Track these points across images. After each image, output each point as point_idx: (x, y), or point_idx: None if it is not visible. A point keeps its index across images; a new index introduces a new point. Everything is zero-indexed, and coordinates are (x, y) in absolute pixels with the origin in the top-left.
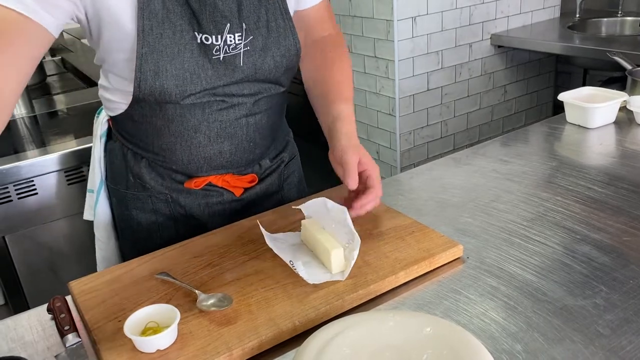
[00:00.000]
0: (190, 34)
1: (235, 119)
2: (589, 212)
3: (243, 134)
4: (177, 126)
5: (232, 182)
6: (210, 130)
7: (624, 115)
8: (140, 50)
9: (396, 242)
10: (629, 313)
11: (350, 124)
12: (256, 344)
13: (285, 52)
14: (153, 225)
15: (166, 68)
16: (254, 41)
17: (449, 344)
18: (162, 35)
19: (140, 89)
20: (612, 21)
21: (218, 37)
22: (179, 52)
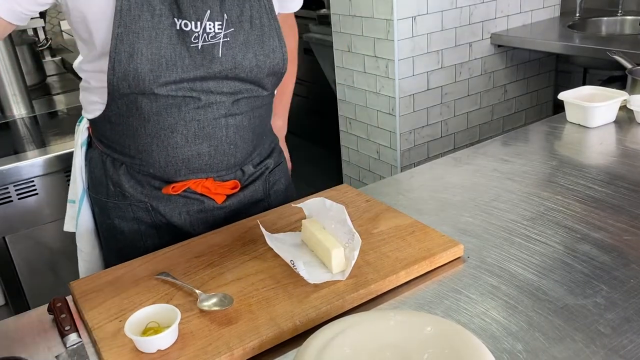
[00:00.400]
0: (169, 20)
1: (213, 118)
2: (589, 211)
3: (223, 135)
4: (153, 126)
5: (212, 189)
6: (187, 130)
7: (624, 115)
8: (116, 30)
9: (397, 241)
10: (629, 312)
11: None
12: (257, 344)
13: (270, 53)
14: (136, 234)
15: (142, 51)
16: (235, 34)
17: (449, 344)
18: (140, 17)
19: (114, 72)
20: (612, 20)
21: (197, 24)
22: (156, 37)
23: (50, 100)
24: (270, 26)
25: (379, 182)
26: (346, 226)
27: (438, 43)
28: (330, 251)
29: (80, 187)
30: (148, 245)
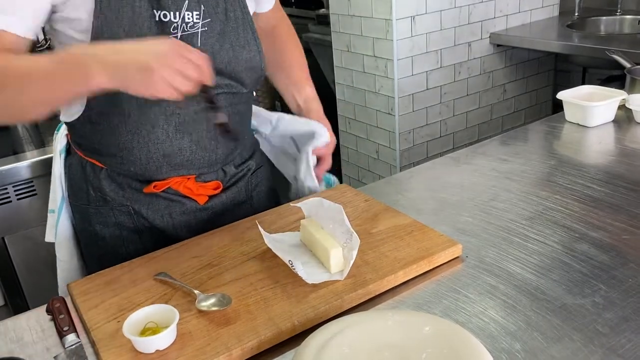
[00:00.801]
0: (149, 11)
1: (194, 112)
2: (587, 210)
3: (203, 130)
4: (134, 121)
5: (195, 190)
6: (168, 125)
7: (623, 114)
8: (96, 22)
9: (395, 241)
10: (628, 311)
11: (318, 104)
12: (255, 344)
13: (245, 44)
14: (118, 240)
15: None
16: (212, 24)
17: (448, 343)
18: (120, 10)
19: None
20: (611, 19)
21: (176, 14)
22: (136, 27)
23: None
24: (244, 20)
25: (377, 182)
26: (344, 226)
27: (437, 43)
28: (329, 251)
29: (59, 196)
30: (130, 251)
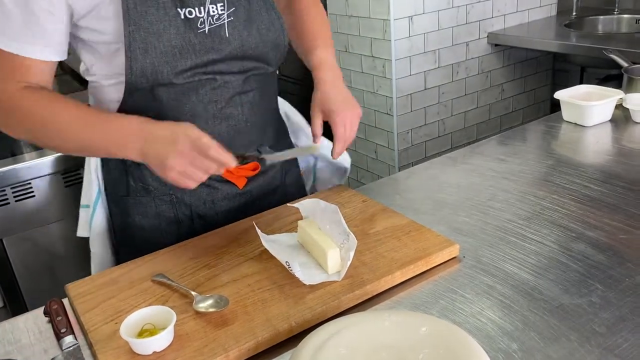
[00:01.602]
0: (173, 10)
1: (229, 97)
2: (585, 210)
3: (239, 113)
4: (173, 114)
5: (235, 172)
6: (207, 113)
7: (620, 113)
8: (128, 29)
9: (392, 241)
10: (624, 311)
11: (329, 70)
12: (252, 345)
13: (270, 26)
14: (156, 231)
15: (154, 45)
16: (237, 12)
17: (445, 344)
18: (147, 12)
19: (132, 70)
20: (609, 19)
21: (201, 9)
22: (165, 29)
23: None
24: (267, 1)
25: (375, 182)
26: (341, 227)
27: (435, 43)
28: (326, 252)
29: (95, 190)
30: (167, 242)
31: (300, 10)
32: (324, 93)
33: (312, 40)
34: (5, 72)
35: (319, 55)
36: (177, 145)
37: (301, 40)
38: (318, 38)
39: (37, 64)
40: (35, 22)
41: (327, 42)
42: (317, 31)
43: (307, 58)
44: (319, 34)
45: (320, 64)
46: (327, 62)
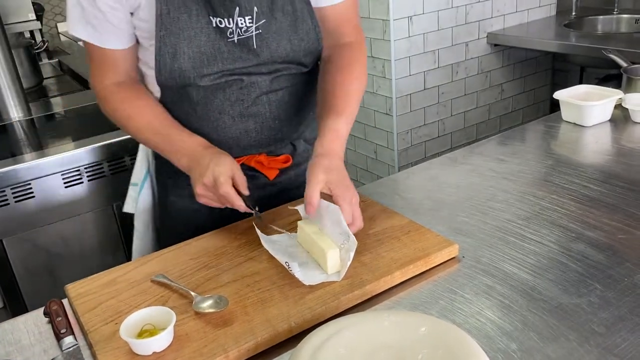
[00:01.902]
0: (205, 18)
1: (256, 97)
2: (584, 210)
3: (266, 112)
4: (202, 109)
5: (266, 163)
6: (233, 110)
7: (620, 113)
8: (159, 33)
9: (392, 242)
10: (623, 311)
11: (330, 140)
12: (252, 345)
13: (304, 36)
14: (191, 212)
15: (183, 50)
16: (267, 25)
17: (444, 344)
18: (179, 18)
19: (160, 73)
20: (608, 19)
21: (230, 20)
22: (196, 35)
23: (47, 103)
24: (302, 10)
25: (375, 183)
26: (341, 227)
27: (434, 43)
28: (326, 252)
29: (144, 169)
30: (199, 225)
31: (342, 67)
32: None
33: (330, 106)
34: (98, 63)
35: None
36: (204, 178)
37: (321, 105)
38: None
39: (119, 52)
40: (103, 18)
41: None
42: (345, 99)
43: (318, 123)
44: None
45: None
46: (342, 134)
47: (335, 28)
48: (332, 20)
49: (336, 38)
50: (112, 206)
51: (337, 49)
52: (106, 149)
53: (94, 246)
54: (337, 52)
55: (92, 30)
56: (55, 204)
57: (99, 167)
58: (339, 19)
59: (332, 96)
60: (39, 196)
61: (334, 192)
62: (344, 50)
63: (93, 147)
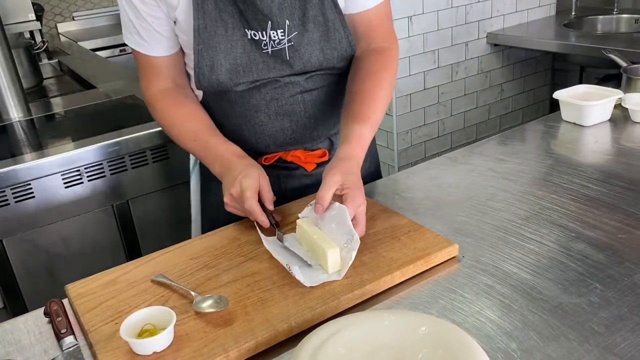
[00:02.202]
0: (241, 31)
1: (290, 96)
2: (584, 209)
3: (301, 111)
4: (240, 108)
5: (303, 158)
6: (269, 109)
7: (620, 113)
8: (197, 47)
9: (392, 241)
10: (623, 310)
11: (354, 147)
12: (252, 345)
13: (337, 45)
14: None
15: (220, 62)
16: (300, 37)
17: (444, 343)
18: (216, 32)
19: (200, 83)
20: (608, 19)
21: (263, 33)
22: (232, 48)
23: (47, 103)
24: (334, 20)
25: (375, 183)
26: (346, 226)
27: (434, 43)
28: (326, 251)
29: (192, 160)
30: (231, 215)
31: (371, 73)
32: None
33: (355, 112)
34: (145, 70)
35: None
36: (231, 189)
37: (347, 108)
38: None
39: (163, 60)
40: (148, 27)
41: (374, 119)
42: (371, 105)
43: (342, 128)
44: (369, 108)
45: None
46: (366, 141)
47: (367, 33)
48: (363, 25)
49: (368, 42)
50: (112, 206)
51: (368, 54)
52: (106, 149)
53: (94, 246)
54: (368, 57)
55: (139, 38)
56: (55, 204)
57: (99, 167)
58: (371, 25)
59: (360, 102)
60: (39, 196)
61: (344, 193)
62: (375, 55)
63: (93, 147)
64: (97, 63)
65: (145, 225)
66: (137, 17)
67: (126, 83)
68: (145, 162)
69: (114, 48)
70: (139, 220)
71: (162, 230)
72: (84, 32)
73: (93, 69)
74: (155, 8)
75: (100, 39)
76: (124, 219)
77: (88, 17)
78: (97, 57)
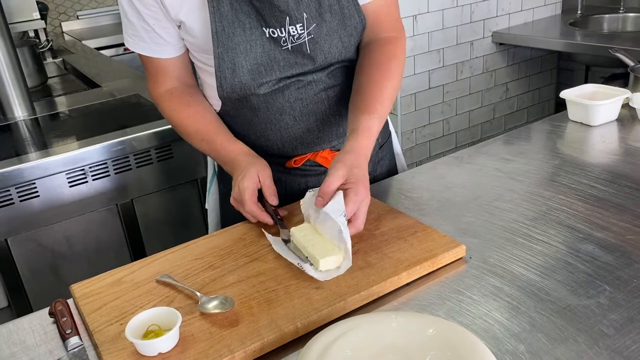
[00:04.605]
0: (259, 30)
1: (314, 94)
2: (592, 210)
3: (326, 108)
4: (263, 113)
5: (330, 158)
6: (293, 110)
7: (627, 113)
8: (217, 51)
9: (398, 242)
10: (633, 312)
11: (361, 139)
12: (258, 347)
13: (353, 31)
14: None
15: (241, 64)
16: (318, 28)
17: (452, 345)
18: (234, 34)
19: (222, 88)
20: (614, 17)
21: (282, 30)
22: (251, 48)
23: (52, 102)
24: (349, 7)
25: (380, 182)
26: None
27: (439, 42)
28: (319, 261)
29: (210, 169)
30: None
31: (379, 63)
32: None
33: (363, 104)
34: (151, 72)
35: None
36: (233, 190)
37: (355, 99)
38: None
39: (168, 61)
40: (150, 30)
41: (382, 110)
42: (379, 97)
43: (350, 120)
44: (377, 100)
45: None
46: (374, 133)
47: (375, 23)
48: (371, 15)
49: (376, 33)
50: (116, 205)
51: (376, 44)
52: (110, 148)
53: (99, 246)
54: (376, 47)
55: (141, 41)
56: (59, 203)
57: (104, 166)
58: (379, 15)
59: (368, 93)
60: (44, 195)
61: (347, 187)
62: (383, 46)
63: (97, 147)
64: (102, 62)
65: (150, 224)
66: (139, 19)
67: (130, 82)
68: (150, 161)
69: (118, 47)
70: (144, 220)
71: (166, 230)
72: (88, 30)
73: (97, 68)
74: (156, 10)
75: (105, 37)
76: (129, 218)
77: (92, 15)
78: (102, 55)
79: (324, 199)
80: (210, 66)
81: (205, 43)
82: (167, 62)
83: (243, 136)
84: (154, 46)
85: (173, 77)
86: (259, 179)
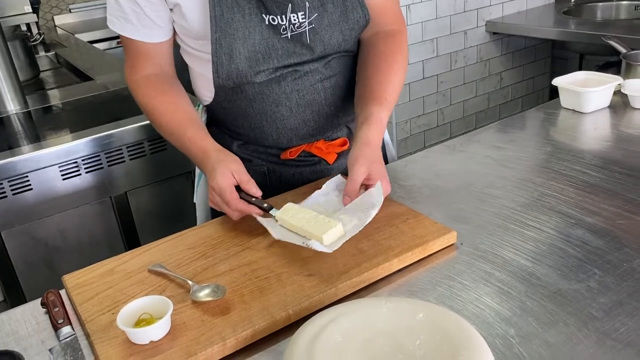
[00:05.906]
0: (258, 16)
1: (310, 85)
2: (583, 196)
3: (322, 100)
4: (259, 104)
5: (324, 149)
6: (290, 102)
7: (619, 99)
8: (214, 36)
9: (390, 229)
10: (622, 295)
11: (374, 130)
12: (250, 334)
13: (354, 25)
14: None
15: (239, 50)
16: (319, 18)
17: (442, 329)
18: (233, 19)
19: (218, 74)
20: (608, 5)
21: (283, 17)
22: (250, 34)
23: (44, 95)
24: (353, 0)
25: None
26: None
27: (433, 31)
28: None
29: None
30: None
31: (381, 58)
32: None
33: (372, 94)
34: (132, 56)
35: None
36: (210, 194)
37: (363, 90)
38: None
39: (154, 46)
40: (140, 11)
41: (391, 101)
42: (387, 87)
43: (360, 110)
44: (386, 90)
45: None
46: (384, 124)
47: (378, 16)
48: (375, 9)
49: (377, 25)
50: (110, 198)
51: (379, 37)
52: (103, 140)
53: (93, 238)
54: (380, 40)
55: (128, 23)
56: (53, 196)
57: (97, 158)
58: (381, 8)
59: (377, 84)
60: (37, 188)
61: (372, 180)
62: (387, 38)
63: (90, 139)
64: (94, 55)
65: (144, 216)
66: (132, 3)
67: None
68: (143, 153)
69: (111, 40)
70: (137, 212)
71: (160, 222)
72: (80, 24)
73: (90, 61)
74: None
75: (97, 31)
76: (123, 211)
77: (85, 9)
78: (94, 49)
79: (351, 197)
80: (203, 52)
81: (201, 28)
82: (152, 47)
83: (236, 128)
84: (142, 29)
85: (155, 64)
86: (233, 175)
